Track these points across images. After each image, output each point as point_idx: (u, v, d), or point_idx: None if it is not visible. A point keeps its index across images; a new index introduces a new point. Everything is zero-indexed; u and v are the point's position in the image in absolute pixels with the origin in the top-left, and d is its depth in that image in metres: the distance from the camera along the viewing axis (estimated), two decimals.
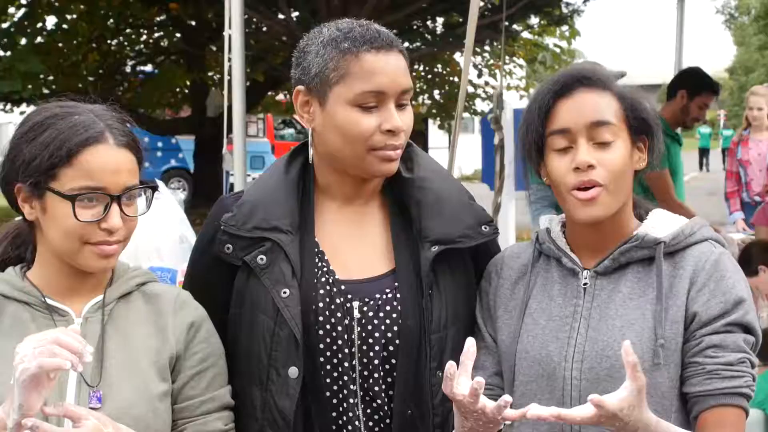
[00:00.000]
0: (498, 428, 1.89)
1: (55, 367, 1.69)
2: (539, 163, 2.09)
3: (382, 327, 2.11)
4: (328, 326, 2.10)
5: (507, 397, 1.78)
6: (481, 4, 11.86)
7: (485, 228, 2.20)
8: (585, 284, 2.07)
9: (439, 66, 17.70)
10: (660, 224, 2.08)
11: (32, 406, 1.71)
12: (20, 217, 2.04)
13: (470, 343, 1.84)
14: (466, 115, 18.94)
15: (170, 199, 3.85)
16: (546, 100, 2.05)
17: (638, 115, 2.06)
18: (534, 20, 15.53)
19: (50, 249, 1.97)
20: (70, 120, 1.92)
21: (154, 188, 2.05)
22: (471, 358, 1.83)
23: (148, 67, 17.80)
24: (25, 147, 1.92)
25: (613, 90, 2.06)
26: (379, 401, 2.11)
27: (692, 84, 5.85)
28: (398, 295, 2.12)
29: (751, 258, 4.84)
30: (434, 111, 18.82)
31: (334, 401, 2.11)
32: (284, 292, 2.08)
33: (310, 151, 2.20)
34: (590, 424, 1.76)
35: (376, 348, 2.11)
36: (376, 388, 2.11)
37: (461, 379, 1.82)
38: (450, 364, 1.80)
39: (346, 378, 2.10)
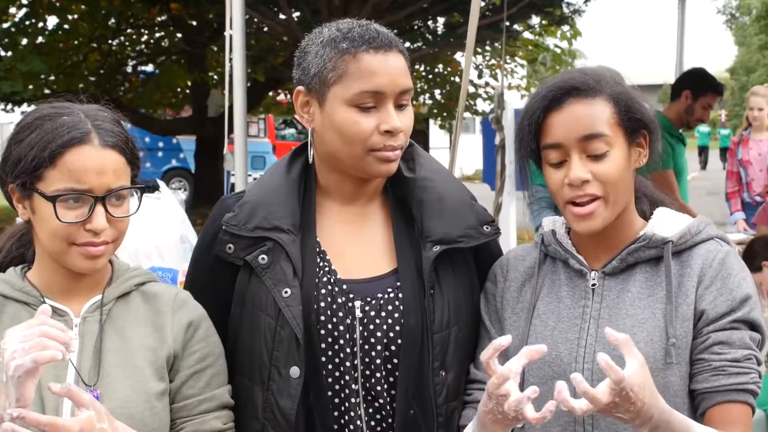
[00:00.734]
0: (515, 424, 1.85)
1: (49, 359, 1.69)
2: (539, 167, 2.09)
3: (384, 326, 2.11)
4: (329, 326, 2.10)
5: (534, 388, 1.75)
6: (482, 4, 11.86)
7: (487, 228, 2.20)
8: (593, 285, 2.07)
9: (440, 66, 17.69)
10: (666, 223, 2.08)
11: (27, 397, 1.71)
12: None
13: (542, 347, 1.80)
14: (467, 115, 18.93)
15: (171, 200, 3.84)
16: (536, 115, 2.04)
17: (633, 116, 2.04)
18: (535, 20, 15.51)
19: (44, 250, 1.98)
20: (57, 121, 1.92)
21: (143, 189, 2.03)
22: (533, 355, 1.78)
23: (149, 67, 17.79)
24: (14, 148, 1.93)
25: (606, 93, 2.03)
26: (381, 401, 2.11)
27: (697, 84, 5.85)
28: (400, 295, 2.12)
29: (755, 254, 4.83)
30: (435, 111, 18.82)
31: (336, 401, 2.11)
32: (285, 292, 2.08)
33: (310, 152, 2.20)
34: (608, 408, 1.73)
35: (378, 348, 2.10)
36: (379, 388, 2.11)
37: (512, 361, 1.79)
38: (504, 338, 1.79)
39: (348, 377, 2.10)
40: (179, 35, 16.92)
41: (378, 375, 2.11)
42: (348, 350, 2.10)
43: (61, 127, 1.91)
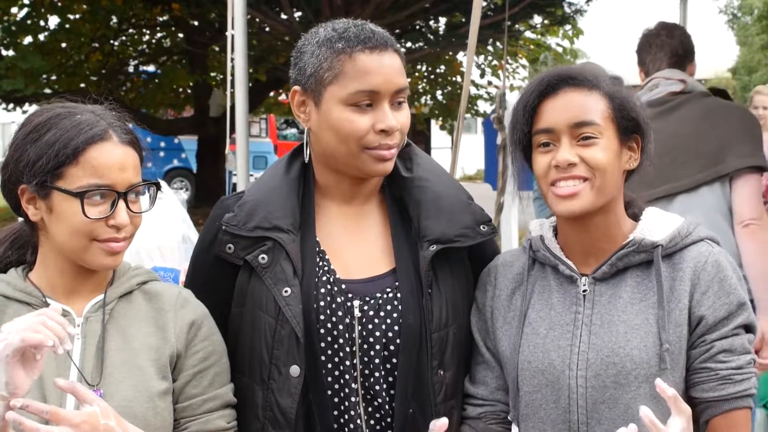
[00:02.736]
0: None
1: (38, 342, 1.70)
2: (528, 161, 2.09)
3: (383, 326, 2.11)
4: (329, 325, 2.10)
5: None
6: (484, 4, 11.85)
7: (483, 227, 2.20)
8: (584, 291, 2.06)
9: (442, 66, 17.68)
10: (655, 225, 2.06)
11: (19, 385, 1.72)
12: (21, 220, 2.05)
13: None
14: (468, 115, 18.91)
15: (173, 199, 3.84)
16: (531, 99, 2.05)
17: (627, 115, 2.04)
18: (537, 20, 15.52)
19: (55, 249, 1.98)
20: (73, 119, 1.94)
21: (158, 186, 2.06)
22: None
23: (151, 68, 17.79)
24: (29, 147, 1.93)
25: (601, 89, 2.04)
26: (380, 400, 2.12)
27: None
28: (399, 294, 2.13)
29: None
30: (437, 112, 18.81)
31: (336, 400, 2.11)
32: (285, 291, 2.08)
33: (307, 151, 2.20)
34: None
35: (377, 347, 2.11)
36: (378, 387, 2.11)
37: None
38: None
39: (347, 377, 2.10)
40: (181, 35, 16.93)
41: (377, 374, 2.11)
42: (347, 349, 2.10)
43: (81, 125, 1.93)
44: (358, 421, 2.11)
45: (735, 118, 3.80)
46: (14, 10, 15.03)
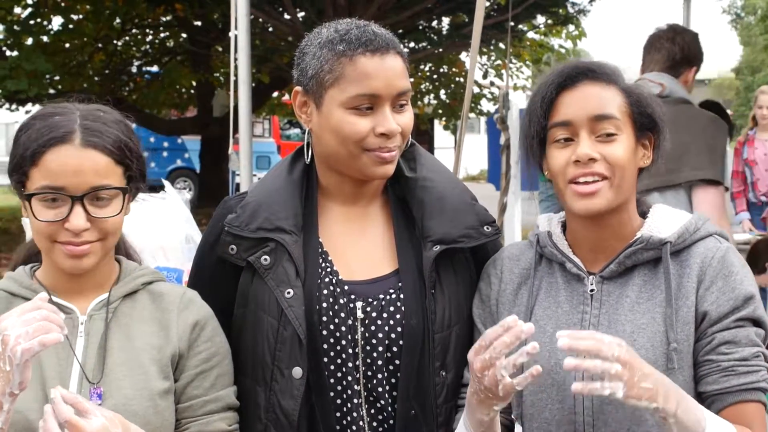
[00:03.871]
0: (499, 401, 1.87)
1: (55, 342, 1.72)
2: (541, 156, 2.06)
3: (386, 327, 2.11)
4: (331, 326, 2.10)
5: (534, 344, 1.78)
6: (487, 4, 11.84)
7: (487, 228, 2.19)
8: (592, 290, 2.04)
9: (445, 66, 17.67)
10: (664, 222, 2.04)
11: (27, 379, 1.74)
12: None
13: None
14: (471, 115, 18.90)
15: (176, 199, 3.84)
16: (549, 91, 2.02)
17: (644, 111, 2.02)
18: (540, 20, 15.50)
19: None
20: (47, 121, 1.94)
21: (126, 190, 1.98)
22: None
23: (154, 68, 17.80)
24: (13, 148, 1.97)
25: (619, 84, 2.02)
26: (382, 401, 2.11)
27: None
28: (402, 296, 2.12)
29: (758, 256, 4.82)
30: (440, 111, 18.80)
31: (338, 401, 2.11)
32: (288, 293, 2.08)
33: (308, 152, 2.20)
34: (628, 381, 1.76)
35: (380, 348, 2.10)
36: (380, 389, 2.11)
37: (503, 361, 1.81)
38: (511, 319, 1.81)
39: (350, 378, 2.10)
40: (184, 35, 16.93)
41: (380, 376, 2.11)
42: (350, 351, 2.10)
43: (46, 127, 1.93)
44: (361, 423, 2.11)
45: (699, 128, 3.70)
46: (17, 10, 15.03)
